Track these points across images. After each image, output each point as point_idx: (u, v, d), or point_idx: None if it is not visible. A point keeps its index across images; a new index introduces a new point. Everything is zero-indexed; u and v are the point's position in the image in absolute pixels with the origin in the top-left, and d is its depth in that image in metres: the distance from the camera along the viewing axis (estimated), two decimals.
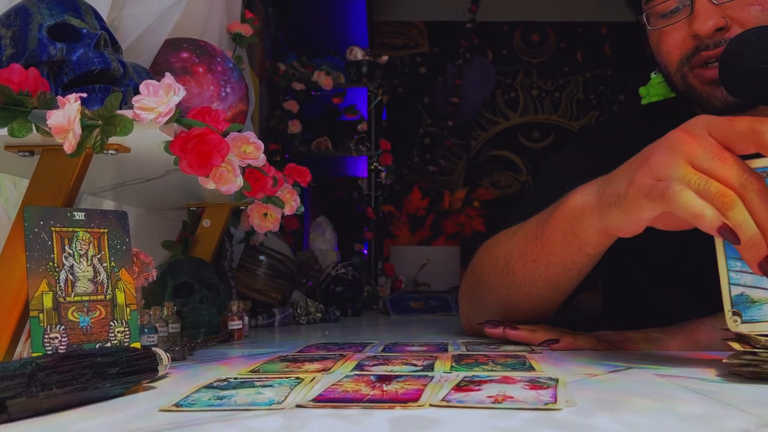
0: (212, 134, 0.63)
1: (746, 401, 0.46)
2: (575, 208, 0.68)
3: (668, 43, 0.82)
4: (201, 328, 0.97)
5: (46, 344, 0.55)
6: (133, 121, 0.60)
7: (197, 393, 0.51)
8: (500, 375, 0.55)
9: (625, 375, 0.58)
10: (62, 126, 0.58)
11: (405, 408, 0.44)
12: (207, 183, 0.67)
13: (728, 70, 0.73)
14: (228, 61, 1.01)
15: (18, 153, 0.65)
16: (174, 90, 0.60)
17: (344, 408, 0.45)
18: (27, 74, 0.61)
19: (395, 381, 0.52)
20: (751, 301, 0.52)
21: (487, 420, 0.41)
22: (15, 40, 0.67)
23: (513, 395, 0.47)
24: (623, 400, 0.47)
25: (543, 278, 0.76)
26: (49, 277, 0.56)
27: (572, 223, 0.68)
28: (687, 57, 0.80)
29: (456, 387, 0.50)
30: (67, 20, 0.68)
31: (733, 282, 0.53)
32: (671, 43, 0.82)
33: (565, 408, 0.44)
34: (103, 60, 0.67)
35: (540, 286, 0.77)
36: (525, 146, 3.97)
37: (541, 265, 0.75)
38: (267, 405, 0.46)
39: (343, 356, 0.70)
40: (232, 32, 1.47)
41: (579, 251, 0.70)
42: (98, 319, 0.58)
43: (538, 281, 0.77)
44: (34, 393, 0.44)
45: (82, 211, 0.59)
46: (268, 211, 0.94)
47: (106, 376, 0.49)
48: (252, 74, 1.81)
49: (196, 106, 0.70)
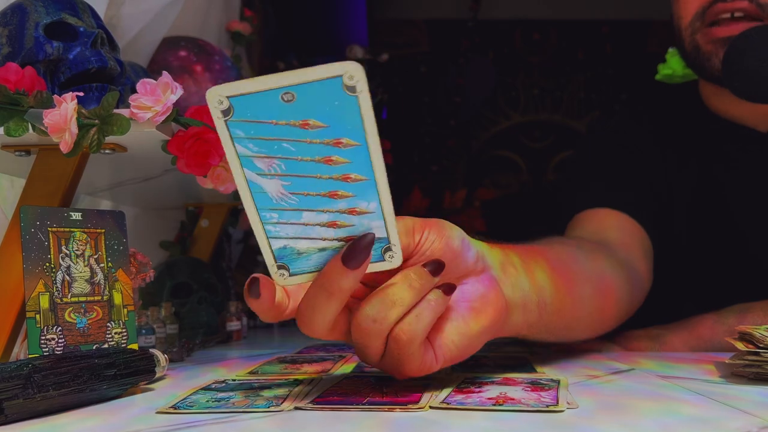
0: (210, 133, 0.62)
1: (749, 402, 0.45)
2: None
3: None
4: (199, 329, 0.96)
5: (43, 345, 0.54)
6: (130, 120, 0.59)
7: (195, 395, 0.50)
8: (501, 376, 0.55)
9: (627, 376, 0.57)
10: (59, 125, 0.57)
11: (405, 410, 0.44)
12: (205, 182, 0.66)
13: (732, 69, 0.73)
14: (226, 60, 1.01)
15: (14, 152, 0.65)
16: (171, 89, 0.59)
17: (344, 410, 0.44)
18: (23, 73, 0.60)
19: (396, 383, 0.52)
20: (298, 253, 0.44)
21: (488, 422, 0.41)
22: (11, 39, 0.66)
23: (514, 397, 0.46)
24: (625, 401, 0.47)
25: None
26: (45, 277, 0.56)
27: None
28: (703, 9, 0.79)
29: (456, 389, 0.49)
30: (63, 18, 0.67)
31: (272, 235, 0.43)
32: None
33: (567, 410, 0.43)
34: (100, 59, 0.67)
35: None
36: (526, 146, 3.96)
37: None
38: (265, 407, 0.46)
39: (342, 357, 0.70)
40: (231, 30, 1.47)
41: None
42: (95, 320, 0.57)
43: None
44: (30, 395, 0.43)
45: (79, 211, 0.58)
46: None
47: (103, 377, 0.48)
48: (251, 73, 1.80)
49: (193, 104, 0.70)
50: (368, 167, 0.41)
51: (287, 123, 0.40)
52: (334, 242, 0.43)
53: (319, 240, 0.43)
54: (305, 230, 0.43)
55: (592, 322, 0.70)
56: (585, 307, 0.67)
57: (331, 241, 0.43)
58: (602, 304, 0.70)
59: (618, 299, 0.73)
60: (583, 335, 0.70)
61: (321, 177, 0.41)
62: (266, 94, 0.39)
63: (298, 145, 0.41)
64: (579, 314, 0.66)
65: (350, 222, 0.43)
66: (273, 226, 0.43)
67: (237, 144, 0.40)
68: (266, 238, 0.43)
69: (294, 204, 0.42)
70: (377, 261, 0.44)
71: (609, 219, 0.84)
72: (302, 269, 0.44)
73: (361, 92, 0.39)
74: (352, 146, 0.41)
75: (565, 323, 0.64)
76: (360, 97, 0.39)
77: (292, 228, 0.43)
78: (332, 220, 0.43)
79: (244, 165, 0.41)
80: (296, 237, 0.43)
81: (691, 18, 0.81)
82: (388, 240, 0.44)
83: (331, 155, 0.41)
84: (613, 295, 0.72)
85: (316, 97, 0.39)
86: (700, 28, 0.80)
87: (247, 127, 0.40)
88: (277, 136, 0.40)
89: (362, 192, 0.42)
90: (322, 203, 0.42)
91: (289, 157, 0.41)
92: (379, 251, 0.44)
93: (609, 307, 0.72)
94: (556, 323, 0.62)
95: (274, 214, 0.42)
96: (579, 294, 0.65)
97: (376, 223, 0.43)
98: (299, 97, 0.39)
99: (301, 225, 0.43)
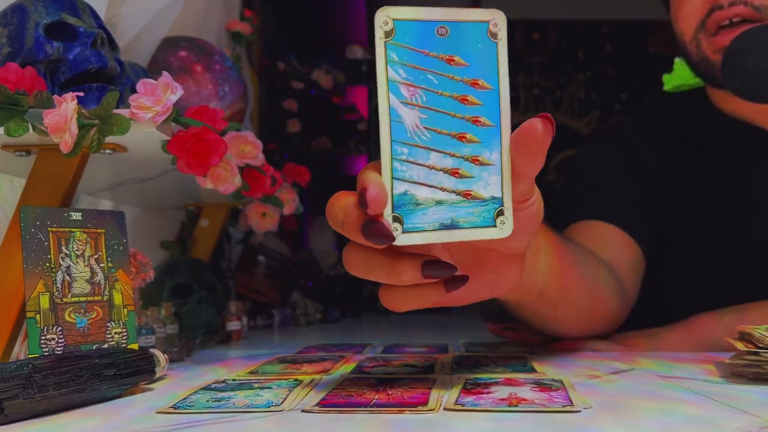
0: (210, 133, 0.62)
1: (748, 402, 0.45)
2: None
3: (686, 10, 0.82)
4: (199, 329, 0.96)
5: (43, 345, 0.54)
6: (131, 120, 0.59)
7: (195, 395, 0.50)
8: (503, 377, 0.55)
9: (627, 376, 0.57)
10: (59, 125, 0.57)
11: (415, 412, 0.43)
12: (205, 183, 0.66)
13: (732, 69, 0.73)
14: (226, 60, 1.01)
15: (15, 152, 0.65)
16: (171, 89, 0.59)
17: (351, 413, 0.44)
18: (23, 73, 0.60)
19: (397, 384, 0.52)
20: (416, 203, 0.43)
21: (489, 422, 0.41)
22: (11, 39, 0.66)
23: (526, 397, 0.46)
24: (625, 401, 0.47)
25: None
26: (45, 277, 0.56)
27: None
28: (702, 21, 0.80)
29: (464, 390, 0.49)
30: (64, 19, 0.68)
31: (397, 175, 0.42)
32: (689, 9, 0.82)
33: (582, 410, 0.43)
34: (101, 59, 0.67)
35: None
36: None
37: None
38: (265, 407, 0.46)
39: (342, 357, 0.70)
40: (231, 31, 1.47)
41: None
42: (95, 320, 0.57)
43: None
44: (30, 395, 0.43)
45: (79, 211, 0.58)
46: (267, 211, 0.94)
47: (103, 377, 0.48)
48: (251, 73, 1.80)
49: (193, 105, 0.70)
50: (497, 114, 0.43)
51: (436, 56, 0.43)
52: (452, 195, 0.43)
53: (439, 190, 0.43)
54: (428, 175, 0.43)
55: (579, 321, 0.72)
56: (576, 306, 0.68)
57: (449, 193, 0.43)
58: (593, 307, 0.72)
59: (609, 309, 0.75)
60: (567, 332, 0.73)
61: (455, 115, 0.43)
62: (426, 24, 0.43)
63: (441, 78, 0.43)
64: (569, 312, 0.68)
65: (471, 173, 0.43)
66: (401, 164, 0.43)
67: (390, 67, 0.42)
68: (391, 179, 0.42)
69: (425, 141, 0.43)
70: (488, 226, 0.44)
71: (602, 233, 0.84)
72: (415, 225, 0.43)
73: (501, 40, 0.43)
74: (486, 89, 0.43)
75: (554, 315, 0.66)
76: (499, 44, 0.43)
77: (417, 170, 0.43)
78: (455, 167, 0.43)
79: (391, 89, 0.42)
80: (419, 182, 0.43)
81: (693, 32, 0.82)
82: (502, 201, 0.44)
83: (467, 94, 0.43)
84: (604, 302, 0.74)
85: (465, 36, 0.43)
86: (704, 39, 0.81)
87: (402, 52, 0.42)
88: (426, 66, 0.43)
89: (488, 139, 0.43)
90: (450, 145, 0.43)
91: (432, 89, 0.43)
92: (492, 214, 0.44)
93: (598, 310, 0.73)
94: (547, 314, 0.65)
95: (405, 149, 0.43)
96: (575, 292, 0.66)
97: (494, 178, 0.44)
98: (451, 33, 0.43)
99: (426, 168, 0.43)
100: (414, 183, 0.43)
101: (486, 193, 0.44)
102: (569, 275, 0.63)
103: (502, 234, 0.44)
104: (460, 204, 0.43)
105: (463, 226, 0.43)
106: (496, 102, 0.43)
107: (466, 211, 0.43)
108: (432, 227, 0.43)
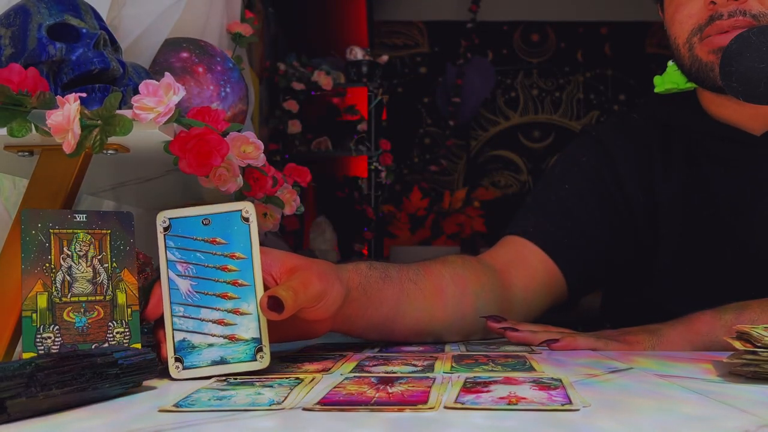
0: (212, 134, 0.62)
1: (747, 401, 0.46)
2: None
3: (683, 13, 0.82)
4: None
5: (38, 344, 0.55)
6: (133, 120, 0.59)
7: (197, 393, 0.50)
8: (502, 375, 0.55)
9: (626, 375, 0.57)
10: (61, 126, 0.58)
11: (415, 411, 0.44)
12: (207, 183, 0.67)
13: (729, 70, 0.73)
14: (228, 61, 1.01)
15: (17, 153, 0.65)
16: (174, 90, 0.60)
17: (352, 411, 0.44)
18: (26, 74, 0.61)
19: (398, 383, 0.52)
20: (192, 347, 0.57)
21: (488, 421, 0.41)
22: (14, 40, 0.67)
23: (525, 396, 0.47)
24: (624, 400, 0.47)
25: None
26: (44, 278, 0.56)
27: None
28: (700, 27, 0.80)
29: (464, 388, 0.50)
30: (66, 20, 0.68)
31: (176, 327, 0.57)
32: (686, 12, 0.81)
33: (581, 408, 0.43)
34: (103, 60, 0.67)
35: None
36: (525, 146, 3.97)
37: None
38: (267, 405, 0.46)
39: (342, 356, 0.70)
40: (232, 32, 1.47)
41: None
42: (96, 320, 0.58)
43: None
44: (33, 393, 0.43)
45: (84, 212, 0.59)
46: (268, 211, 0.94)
47: (105, 376, 0.49)
48: (252, 74, 1.81)
49: (195, 105, 0.70)
50: (251, 275, 0.58)
51: (202, 239, 0.59)
52: (220, 339, 0.57)
53: (210, 336, 0.57)
54: (200, 325, 0.57)
55: (417, 324, 0.77)
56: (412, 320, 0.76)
57: (218, 337, 0.57)
58: (432, 313, 0.77)
59: (446, 304, 0.79)
60: (408, 338, 0.79)
61: (218, 280, 0.58)
62: (194, 218, 0.59)
63: (206, 255, 0.58)
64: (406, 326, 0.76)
65: (234, 321, 0.57)
66: (179, 319, 0.57)
67: (168, 251, 0.58)
68: (171, 330, 0.57)
69: (197, 300, 0.58)
70: (250, 360, 0.57)
71: (513, 247, 0.92)
72: (193, 363, 0.57)
73: (252, 222, 0.59)
74: (241, 259, 0.58)
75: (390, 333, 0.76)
76: (251, 225, 0.59)
77: (191, 323, 0.57)
78: (221, 318, 0.57)
79: (169, 267, 0.58)
80: (193, 331, 0.57)
81: (687, 35, 0.82)
82: (260, 341, 0.57)
83: (227, 264, 0.58)
84: (442, 299, 0.78)
85: (224, 222, 0.59)
86: (698, 42, 0.81)
87: (177, 240, 0.58)
88: (195, 247, 0.58)
89: (245, 295, 0.58)
90: (216, 302, 0.58)
91: (199, 263, 0.58)
92: (253, 351, 0.57)
93: (439, 310, 0.78)
94: (382, 332, 0.76)
95: (181, 308, 0.57)
96: (403, 315, 0.75)
97: (252, 324, 0.57)
98: (213, 222, 0.59)
99: (198, 320, 0.57)
100: (190, 332, 0.57)
101: (247, 335, 0.57)
102: (392, 309, 0.73)
103: (261, 366, 0.57)
104: (227, 345, 0.57)
105: (231, 361, 0.57)
106: (250, 267, 0.58)
107: (232, 350, 0.57)
108: (206, 364, 0.57)
